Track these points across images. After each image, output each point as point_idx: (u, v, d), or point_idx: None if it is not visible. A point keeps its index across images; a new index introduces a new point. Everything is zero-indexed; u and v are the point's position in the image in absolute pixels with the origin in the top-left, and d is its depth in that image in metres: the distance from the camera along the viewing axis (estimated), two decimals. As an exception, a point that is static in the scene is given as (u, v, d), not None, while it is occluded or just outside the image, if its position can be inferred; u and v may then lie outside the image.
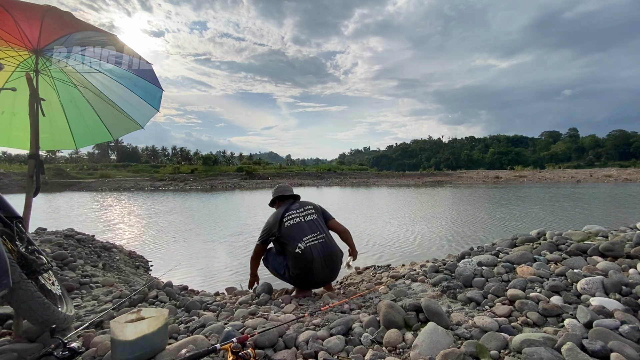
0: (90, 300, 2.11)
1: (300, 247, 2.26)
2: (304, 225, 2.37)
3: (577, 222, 7.43)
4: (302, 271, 2.28)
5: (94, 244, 3.73)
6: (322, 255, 2.30)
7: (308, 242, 2.29)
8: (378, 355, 1.28)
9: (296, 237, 2.30)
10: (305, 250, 2.25)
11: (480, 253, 2.59)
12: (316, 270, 2.28)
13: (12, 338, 1.45)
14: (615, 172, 36.97)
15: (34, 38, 1.73)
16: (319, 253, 2.29)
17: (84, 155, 68.81)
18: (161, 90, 2.37)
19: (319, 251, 2.29)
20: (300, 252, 2.25)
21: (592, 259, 2.04)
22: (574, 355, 1.11)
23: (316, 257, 2.27)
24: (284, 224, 2.37)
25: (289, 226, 2.35)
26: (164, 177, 35.34)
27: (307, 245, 2.28)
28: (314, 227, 2.38)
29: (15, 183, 24.01)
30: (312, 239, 2.31)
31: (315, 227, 2.39)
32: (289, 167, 54.42)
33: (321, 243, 2.33)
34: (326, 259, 2.32)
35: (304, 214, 2.45)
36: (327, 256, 2.33)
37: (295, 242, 2.28)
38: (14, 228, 1.51)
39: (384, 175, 44.78)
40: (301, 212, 2.46)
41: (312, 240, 2.30)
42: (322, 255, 2.30)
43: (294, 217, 2.41)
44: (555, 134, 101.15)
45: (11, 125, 2.13)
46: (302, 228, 2.35)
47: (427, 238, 6.18)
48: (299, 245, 2.27)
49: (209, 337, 1.49)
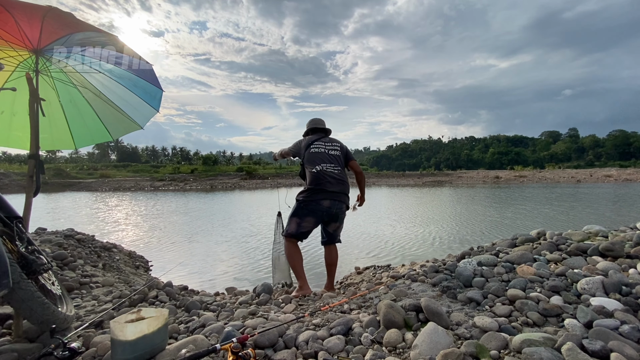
0: (90, 300, 2.11)
1: (317, 169, 2.60)
2: (326, 156, 2.67)
3: (577, 222, 7.43)
4: (316, 185, 2.57)
5: (94, 244, 3.73)
6: (335, 178, 2.60)
7: (326, 168, 2.61)
8: (378, 355, 1.28)
9: (316, 161, 2.63)
10: (321, 171, 2.59)
11: (480, 253, 2.59)
12: (328, 185, 2.57)
13: (12, 338, 1.45)
14: (615, 172, 36.98)
15: (34, 38, 1.72)
16: (332, 177, 2.59)
17: (84, 155, 68.81)
18: (161, 90, 2.37)
19: (332, 176, 2.60)
20: (316, 172, 2.59)
21: (592, 259, 2.04)
22: (574, 355, 1.11)
23: (329, 177, 2.58)
24: (310, 149, 2.68)
25: (313, 152, 2.67)
26: (164, 177, 35.33)
27: (324, 169, 2.60)
28: (333, 160, 2.67)
29: (15, 183, 24.01)
30: (329, 167, 2.62)
31: (334, 160, 2.68)
32: (289, 167, 54.35)
33: (336, 172, 2.64)
34: (338, 182, 2.61)
35: (329, 148, 2.72)
36: (339, 181, 2.62)
37: (314, 165, 2.62)
38: (14, 228, 1.51)
39: (384, 175, 44.78)
40: (328, 145, 2.73)
41: (329, 168, 2.62)
42: (334, 178, 2.60)
43: (320, 147, 2.70)
44: (555, 134, 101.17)
45: (11, 125, 2.13)
46: (323, 157, 2.65)
47: (427, 238, 6.18)
48: (316, 167, 2.60)
49: (209, 337, 1.49)
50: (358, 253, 5.15)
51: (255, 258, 4.96)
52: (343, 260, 4.57)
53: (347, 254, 5.01)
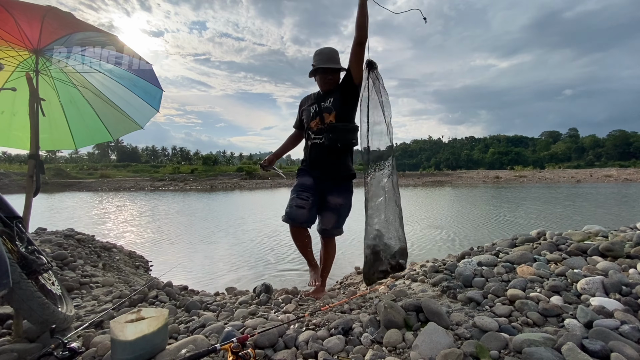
0: (90, 300, 2.11)
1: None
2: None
3: (577, 222, 7.43)
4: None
5: (94, 244, 3.73)
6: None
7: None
8: (378, 355, 1.28)
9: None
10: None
11: (480, 253, 2.59)
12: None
13: (12, 338, 1.45)
14: (615, 172, 37.00)
15: (34, 38, 1.72)
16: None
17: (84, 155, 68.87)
18: (161, 90, 2.37)
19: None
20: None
21: (592, 259, 2.04)
22: (574, 355, 1.11)
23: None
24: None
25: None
26: (164, 177, 35.36)
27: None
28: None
29: (15, 183, 24.02)
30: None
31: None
32: (289, 167, 54.38)
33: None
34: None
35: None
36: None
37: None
38: (14, 228, 1.51)
39: (384, 175, 44.70)
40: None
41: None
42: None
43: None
44: (555, 134, 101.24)
45: (11, 125, 2.13)
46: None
47: (427, 238, 6.18)
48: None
49: (209, 337, 1.49)
50: (358, 253, 5.15)
51: (256, 258, 4.96)
52: (343, 260, 4.58)
53: (347, 254, 5.02)
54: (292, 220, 2.18)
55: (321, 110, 2.20)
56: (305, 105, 2.36)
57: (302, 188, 2.23)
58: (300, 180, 2.30)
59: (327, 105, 2.18)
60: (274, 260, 4.83)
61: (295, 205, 2.16)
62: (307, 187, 2.23)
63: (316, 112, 2.23)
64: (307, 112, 2.30)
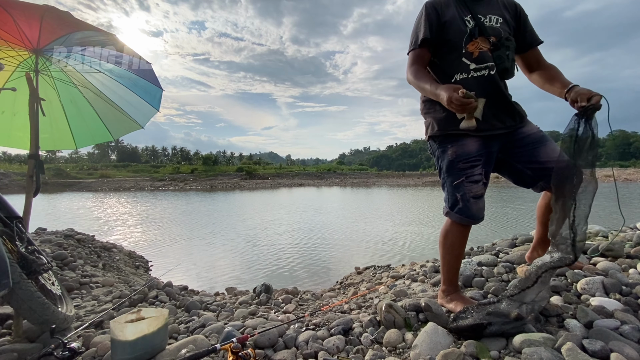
0: (90, 300, 2.11)
1: None
2: None
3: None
4: None
5: (94, 244, 3.73)
6: None
7: None
8: (378, 355, 1.28)
9: None
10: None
11: (480, 253, 2.59)
12: None
13: (12, 338, 1.45)
14: (615, 172, 37.00)
15: (33, 38, 1.72)
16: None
17: (84, 155, 68.87)
18: (161, 90, 2.37)
19: None
20: None
21: (592, 259, 2.04)
22: (574, 355, 1.11)
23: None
24: None
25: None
26: (164, 177, 35.36)
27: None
28: None
29: (15, 183, 24.02)
30: None
31: None
32: (289, 167, 54.40)
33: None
34: None
35: None
36: None
37: None
38: (14, 228, 1.51)
39: (384, 175, 44.79)
40: None
41: None
42: None
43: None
44: (555, 134, 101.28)
45: (11, 125, 2.13)
46: None
47: (427, 238, 6.18)
48: None
49: (209, 337, 1.49)
50: (358, 253, 5.15)
51: (256, 258, 4.96)
52: (343, 260, 4.58)
53: (347, 254, 5.02)
54: (472, 219, 1.52)
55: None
56: None
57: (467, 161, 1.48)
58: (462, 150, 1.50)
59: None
60: (274, 260, 4.83)
61: (473, 197, 1.49)
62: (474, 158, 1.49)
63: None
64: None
